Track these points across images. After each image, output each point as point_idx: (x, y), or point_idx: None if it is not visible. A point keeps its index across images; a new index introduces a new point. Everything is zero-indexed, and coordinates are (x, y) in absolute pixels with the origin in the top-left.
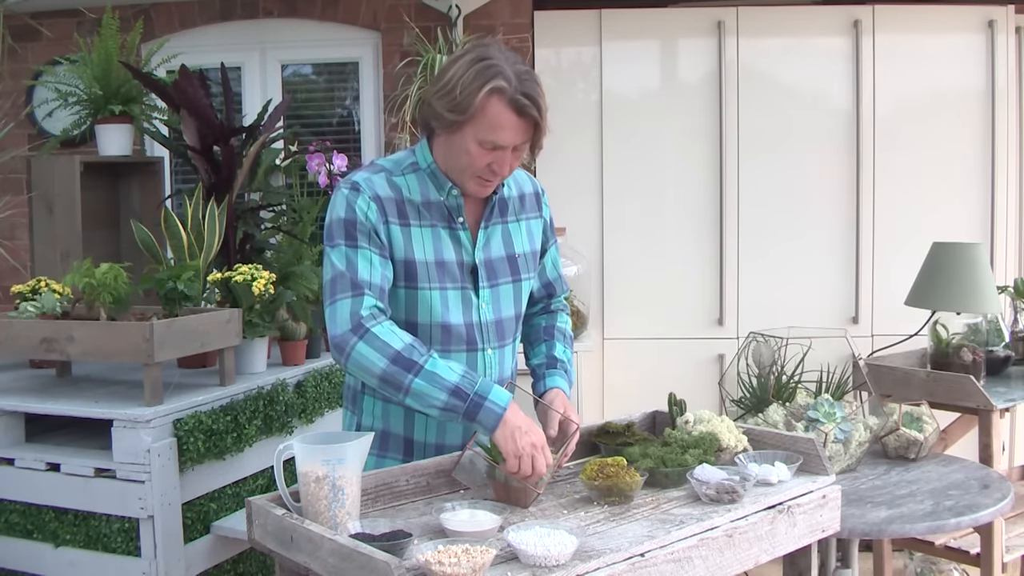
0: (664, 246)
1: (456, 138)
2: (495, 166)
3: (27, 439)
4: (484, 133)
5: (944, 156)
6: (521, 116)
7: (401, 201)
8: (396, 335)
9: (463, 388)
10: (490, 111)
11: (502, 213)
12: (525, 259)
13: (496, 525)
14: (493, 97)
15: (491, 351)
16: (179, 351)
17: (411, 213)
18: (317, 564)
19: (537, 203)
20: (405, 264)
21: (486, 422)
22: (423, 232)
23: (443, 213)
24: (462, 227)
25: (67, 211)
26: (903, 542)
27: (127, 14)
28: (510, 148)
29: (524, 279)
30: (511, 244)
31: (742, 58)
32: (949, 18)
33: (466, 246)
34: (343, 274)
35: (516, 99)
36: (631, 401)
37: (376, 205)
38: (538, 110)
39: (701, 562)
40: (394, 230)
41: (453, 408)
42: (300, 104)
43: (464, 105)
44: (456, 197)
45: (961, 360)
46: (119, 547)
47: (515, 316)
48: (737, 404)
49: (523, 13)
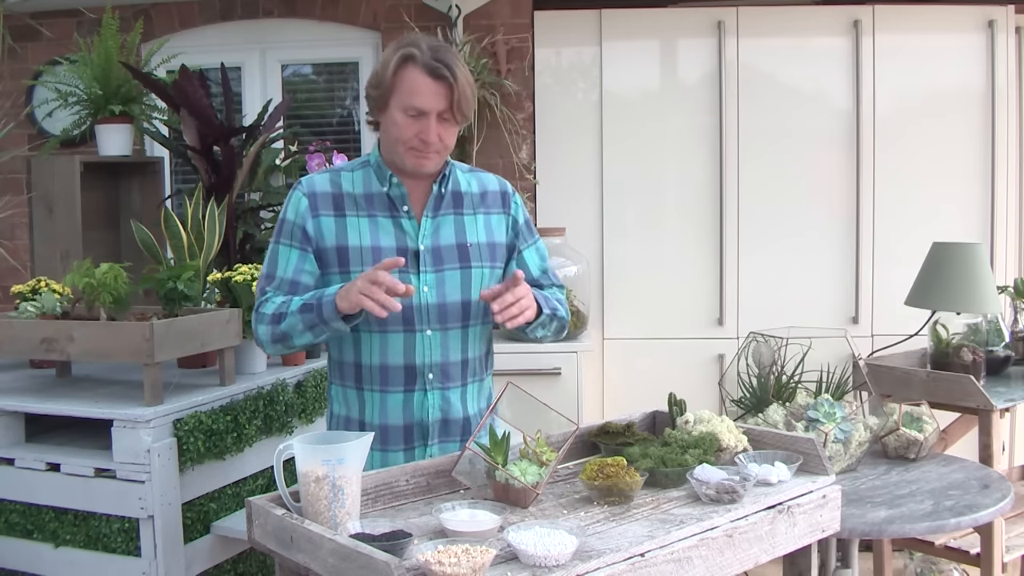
0: (664, 246)
1: (385, 117)
2: (423, 135)
3: (27, 439)
4: (404, 99)
5: (944, 156)
6: (436, 80)
7: (339, 195)
8: (272, 303)
9: (308, 303)
10: (405, 78)
11: (456, 205)
12: (479, 248)
13: (496, 525)
14: (407, 64)
15: (431, 332)
16: (179, 351)
17: (348, 205)
18: (317, 564)
19: (503, 201)
20: (337, 251)
21: (329, 313)
22: (360, 221)
23: (385, 203)
24: (407, 216)
25: (67, 211)
26: (903, 542)
27: (127, 14)
28: (432, 114)
29: (475, 267)
30: (463, 233)
31: (742, 58)
32: (949, 18)
33: (410, 233)
34: (264, 273)
35: (428, 63)
36: (631, 401)
37: (308, 201)
38: (451, 73)
39: (701, 562)
40: (325, 221)
41: (312, 323)
42: (300, 104)
43: (383, 76)
44: (398, 186)
45: (961, 360)
46: (119, 547)
47: (462, 302)
48: (737, 404)
49: (523, 13)
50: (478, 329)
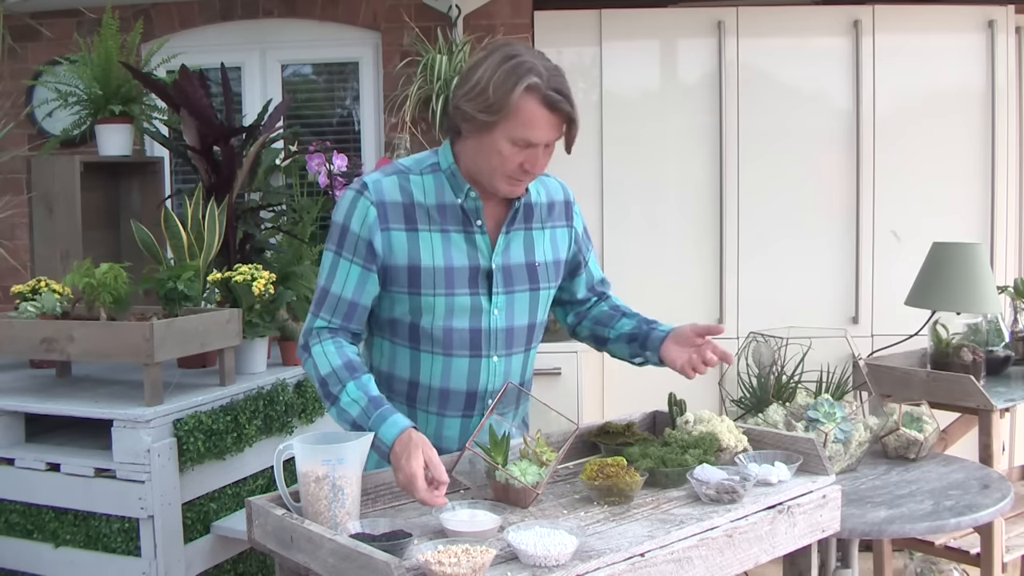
0: (664, 246)
1: (486, 139)
2: (527, 164)
3: (27, 439)
4: (518, 131)
5: (944, 156)
6: (554, 112)
7: (411, 205)
8: (327, 359)
9: (360, 425)
10: (524, 109)
11: (527, 219)
12: (546, 268)
13: (496, 525)
14: (527, 95)
15: (496, 358)
16: (179, 351)
17: (420, 217)
18: (317, 564)
19: (566, 212)
20: (409, 270)
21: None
22: (432, 236)
23: (458, 216)
24: (480, 230)
25: (67, 211)
26: (903, 542)
27: (127, 14)
28: (542, 145)
29: (543, 288)
30: (532, 251)
31: (742, 58)
32: (949, 18)
33: (482, 250)
34: (319, 284)
35: (548, 95)
36: (631, 401)
37: (377, 211)
38: (570, 104)
39: (701, 562)
40: (396, 236)
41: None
42: (300, 104)
43: (498, 105)
44: (474, 200)
45: (961, 360)
46: (119, 547)
47: (528, 325)
48: (737, 404)
49: (523, 13)
50: (534, 351)
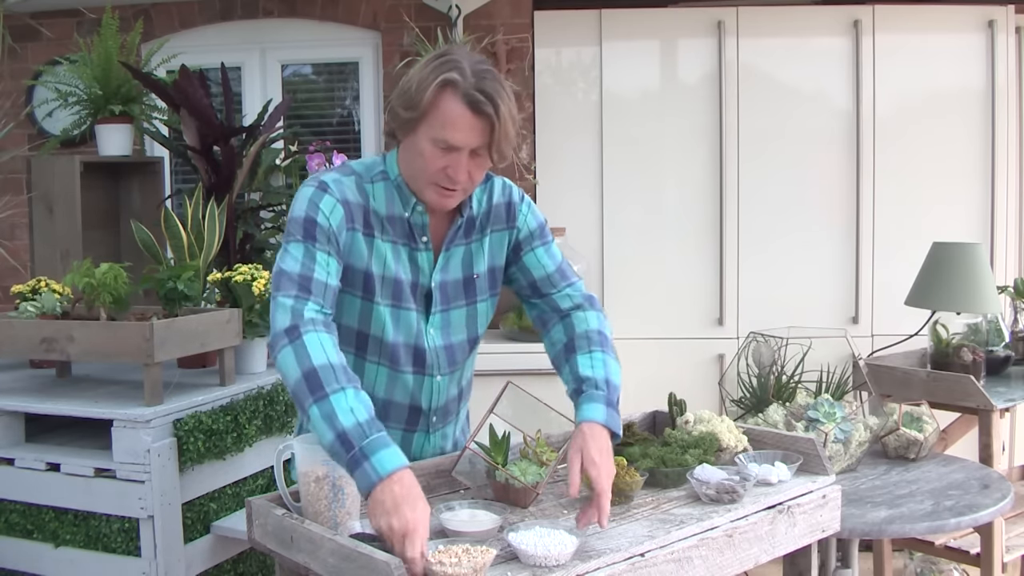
0: (664, 246)
1: (411, 140)
2: (451, 171)
3: (27, 439)
4: (437, 130)
5: (944, 156)
6: (476, 114)
7: (368, 210)
8: (323, 351)
9: (351, 438)
10: (443, 106)
11: (467, 233)
12: (483, 279)
13: (496, 525)
14: (446, 90)
15: (440, 377)
16: (179, 351)
17: (375, 224)
18: (317, 564)
19: (507, 213)
20: (364, 275)
21: (360, 483)
22: (385, 246)
23: (405, 230)
24: (424, 247)
25: (67, 211)
26: (903, 542)
27: (127, 14)
28: (466, 151)
29: (479, 301)
30: (470, 265)
31: (742, 58)
32: (949, 18)
33: (423, 268)
34: (295, 270)
35: (470, 94)
36: (631, 401)
37: (343, 210)
38: (495, 109)
39: (701, 562)
40: (358, 238)
41: (336, 453)
42: (300, 104)
43: (417, 99)
44: (421, 214)
45: (961, 360)
46: (119, 547)
47: (467, 340)
48: (737, 404)
49: (523, 13)
50: (473, 358)
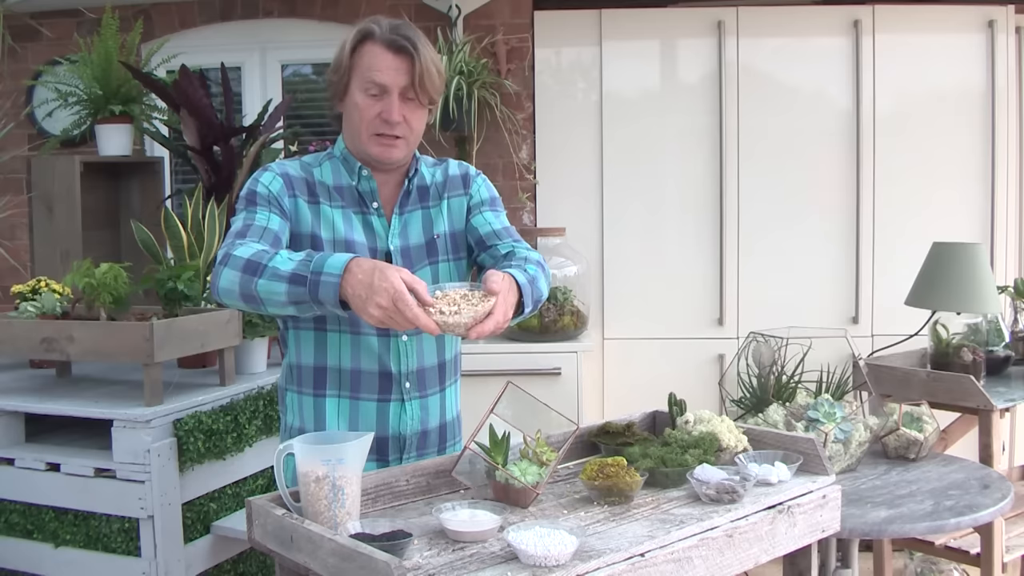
0: (664, 246)
1: (347, 102)
2: (385, 114)
3: (27, 439)
4: (364, 77)
5: (944, 156)
6: (396, 53)
7: (312, 183)
8: (250, 248)
9: (299, 273)
10: (364, 55)
11: (422, 199)
12: (444, 239)
13: (496, 525)
14: (365, 41)
15: (406, 338)
16: (179, 351)
17: (321, 193)
18: (317, 564)
19: (464, 183)
20: (312, 239)
21: (328, 298)
22: (333, 212)
23: (355, 197)
24: (376, 212)
25: (67, 211)
26: (903, 542)
27: (127, 14)
28: (395, 91)
29: (442, 261)
30: (431, 228)
31: (742, 58)
32: (949, 18)
33: (379, 232)
34: (236, 228)
35: (387, 36)
36: (631, 401)
37: (282, 180)
38: (413, 46)
39: (701, 562)
40: (301, 204)
41: (299, 297)
42: (300, 104)
43: (341, 59)
44: (368, 180)
45: (961, 360)
46: (119, 547)
47: None
48: (737, 404)
49: (523, 13)
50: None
